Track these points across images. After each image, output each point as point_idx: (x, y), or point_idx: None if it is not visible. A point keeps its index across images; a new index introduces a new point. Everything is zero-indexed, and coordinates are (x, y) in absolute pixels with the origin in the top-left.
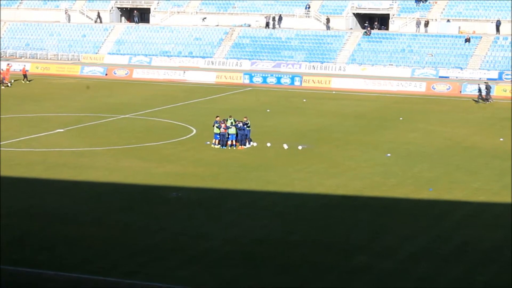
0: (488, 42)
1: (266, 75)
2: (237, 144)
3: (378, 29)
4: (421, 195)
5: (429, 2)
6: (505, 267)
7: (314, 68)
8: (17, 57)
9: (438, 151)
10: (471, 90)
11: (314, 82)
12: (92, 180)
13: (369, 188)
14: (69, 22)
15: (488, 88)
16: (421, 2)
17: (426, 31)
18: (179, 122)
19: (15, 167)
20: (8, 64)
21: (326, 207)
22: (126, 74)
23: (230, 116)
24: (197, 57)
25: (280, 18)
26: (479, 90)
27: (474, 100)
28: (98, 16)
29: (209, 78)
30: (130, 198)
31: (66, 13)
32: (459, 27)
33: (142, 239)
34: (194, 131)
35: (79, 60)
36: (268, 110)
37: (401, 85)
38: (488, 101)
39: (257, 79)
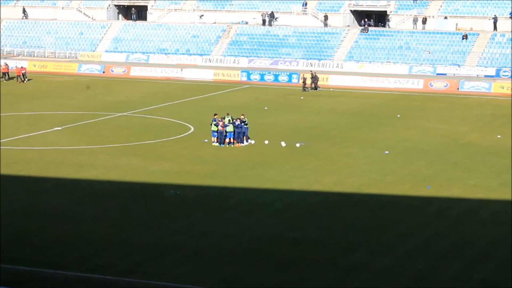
0: (486, 39)
1: (264, 73)
2: (235, 141)
3: (376, 26)
4: (419, 192)
5: None
6: (503, 264)
7: (311, 65)
8: (15, 55)
9: (435, 148)
10: (469, 87)
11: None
12: (89, 178)
13: (367, 186)
14: None
15: (314, 78)
16: None
17: (423, 28)
18: (176, 120)
19: (13, 165)
20: (22, 66)
21: (323, 205)
22: (123, 71)
23: (228, 114)
24: (194, 54)
25: (272, 15)
26: (304, 81)
27: (303, 90)
28: (24, 11)
29: (207, 75)
30: (128, 196)
31: None
32: (457, 24)
33: (139, 237)
34: (192, 128)
35: (76, 58)
36: (265, 108)
37: (398, 82)
38: (316, 89)
39: (255, 77)
